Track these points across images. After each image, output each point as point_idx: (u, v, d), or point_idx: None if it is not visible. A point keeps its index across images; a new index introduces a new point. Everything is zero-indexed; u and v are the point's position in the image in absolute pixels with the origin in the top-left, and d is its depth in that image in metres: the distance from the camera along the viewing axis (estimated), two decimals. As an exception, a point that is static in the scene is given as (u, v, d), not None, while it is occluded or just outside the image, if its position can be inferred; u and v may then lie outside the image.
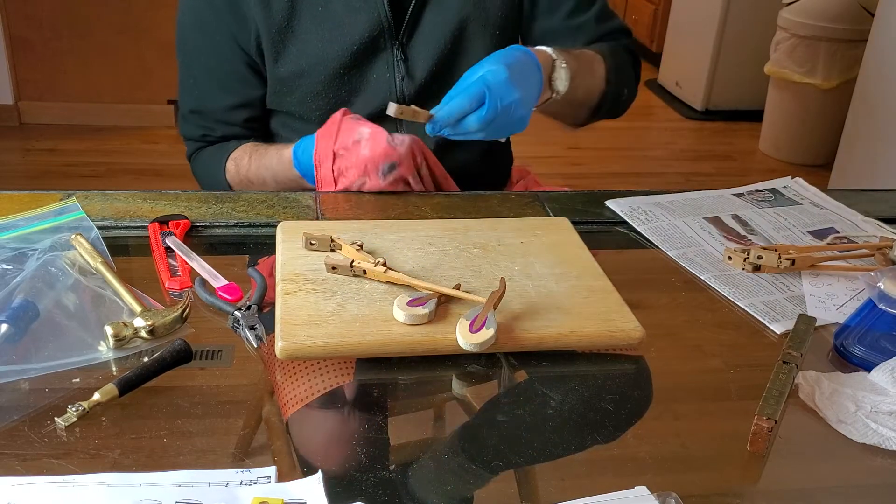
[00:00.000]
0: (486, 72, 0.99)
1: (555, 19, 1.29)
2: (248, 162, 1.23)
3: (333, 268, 0.86)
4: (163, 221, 0.99)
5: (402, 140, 1.06)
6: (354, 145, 1.06)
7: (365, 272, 0.85)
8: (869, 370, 0.79)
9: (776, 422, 0.70)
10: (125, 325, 0.79)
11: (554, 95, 1.14)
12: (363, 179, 1.07)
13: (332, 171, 1.08)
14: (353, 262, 0.86)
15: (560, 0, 1.27)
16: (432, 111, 1.01)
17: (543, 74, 1.09)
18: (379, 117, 1.15)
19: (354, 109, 1.21)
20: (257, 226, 1.03)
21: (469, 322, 0.78)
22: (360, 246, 0.89)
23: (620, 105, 1.32)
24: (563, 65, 1.12)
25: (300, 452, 0.71)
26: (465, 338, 0.77)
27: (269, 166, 1.20)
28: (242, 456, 0.68)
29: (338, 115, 1.10)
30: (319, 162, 1.09)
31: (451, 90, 1.02)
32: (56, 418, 0.68)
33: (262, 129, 1.31)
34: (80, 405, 0.69)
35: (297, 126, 1.26)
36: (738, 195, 1.18)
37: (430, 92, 1.23)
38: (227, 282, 0.87)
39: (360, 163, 1.06)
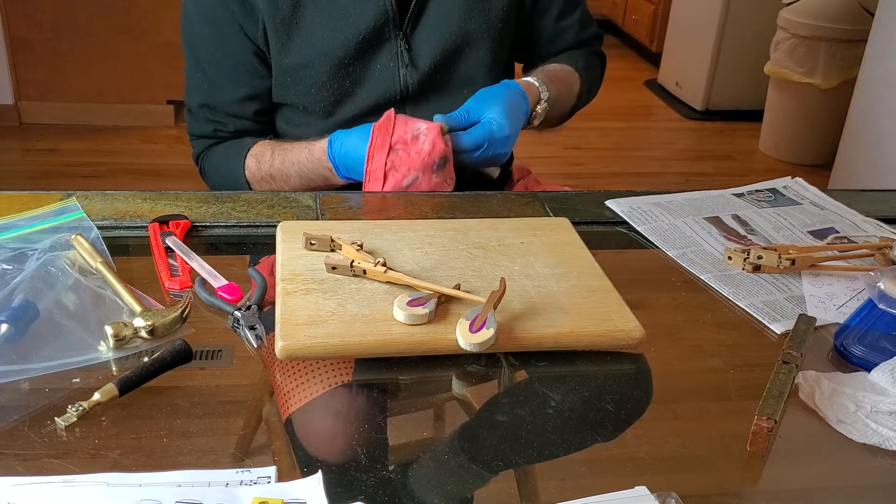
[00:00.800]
0: (494, 123, 1.11)
1: (546, 20, 1.35)
2: (270, 157, 1.22)
3: (333, 268, 0.86)
4: (163, 221, 0.99)
5: (447, 138, 1.10)
6: (413, 141, 1.08)
7: (365, 272, 0.85)
8: (869, 370, 0.79)
9: (776, 422, 0.70)
10: (125, 325, 0.79)
11: (528, 127, 1.25)
12: (416, 175, 1.09)
13: (385, 163, 1.09)
14: (353, 262, 0.86)
15: (551, 2, 1.33)
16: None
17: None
18: (383, 107, 1.16)
19: (358, 100, 1.22)
20: (257, 226, 1.03)
21: (469, 322, 0.78)
22: (360, 246, 0.89)
23: (587, 102, 1.44)
24: (545, 102, 1.23)
25: (300, 452, 0.71)
26: (465, 338, 0.77)
27: (297, 160, 1.20)
28: (242, 456, 0.68)
29: (391, 111, 1.12)
30: (373, 154, 1.09)
31: (462, 112, 1.13)
32: (56, 418, 0.68)
33: (272, 124, 1.31)
34: (80, 405, 0.69)
35: (302, 120, 1.26)
36: (738, 195, 1.18)
37: (432, 82, 1.24)
38: (227, 282, 0.87)
39: (420, 158, 1.08)
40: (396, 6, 1.19)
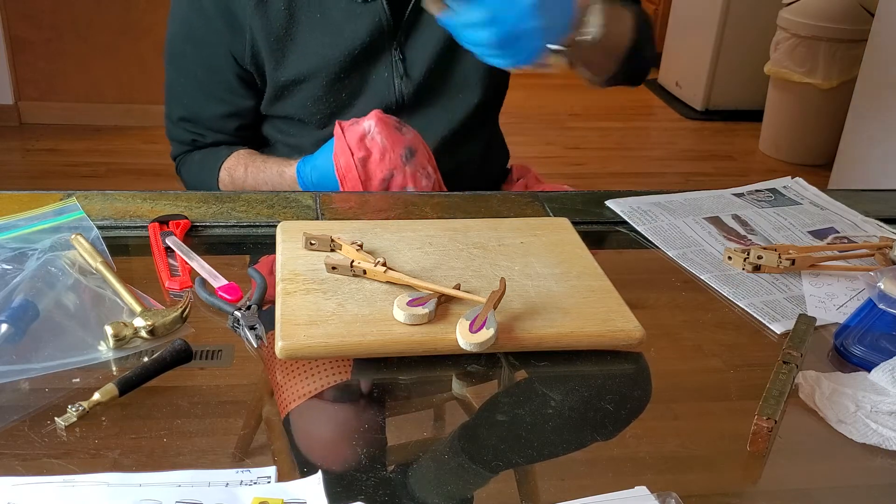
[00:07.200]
0: None
1: None
2: (244, 173, 1.23)
3: (333, 268, 0.86)
4: (163, 221, 0.99)
5: (409, 129, 1.09)
6: (371, 142, 1.07)
7: (365, 272, 0.85)
8: (869, 370, 0.79)
9: (776, 422, 0.71)
10: (125, 325, 0.79)
11: (583, 38, 0.98)
12: (390, 172, 1.08)
13: (359, 177, 1.08)
14: (353, 262, 0.86)
15: None
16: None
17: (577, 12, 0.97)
18: None
19: (355, 111, 1.21)
20: (257, 226, 1.03)
21: (469, 322, 0.78)
22: (360, 246, 0.89)
23: (642, 66, 1.25)
24: (599, 6, 0.98)
25: (300, 452, 0.71)
26: (465, 338, 0.77)
27: (268, 181, 1.20)
28: (242, 456, 0.68)
29: (337, 129, 1.10)
30: (343, 176, 1.09)
31: None
32: (56, 418, 0.68)
33: (253, 137, 1.31)
34: (80, 405, 0.69)
35: (294, 130, 1.26)
36: (738, 195, 1.18)
37: (428, 90, 1.23)
38: (227, 282, 0.87)
39: (380, 154, 1.07)
40: (391, 18, 1.19)
